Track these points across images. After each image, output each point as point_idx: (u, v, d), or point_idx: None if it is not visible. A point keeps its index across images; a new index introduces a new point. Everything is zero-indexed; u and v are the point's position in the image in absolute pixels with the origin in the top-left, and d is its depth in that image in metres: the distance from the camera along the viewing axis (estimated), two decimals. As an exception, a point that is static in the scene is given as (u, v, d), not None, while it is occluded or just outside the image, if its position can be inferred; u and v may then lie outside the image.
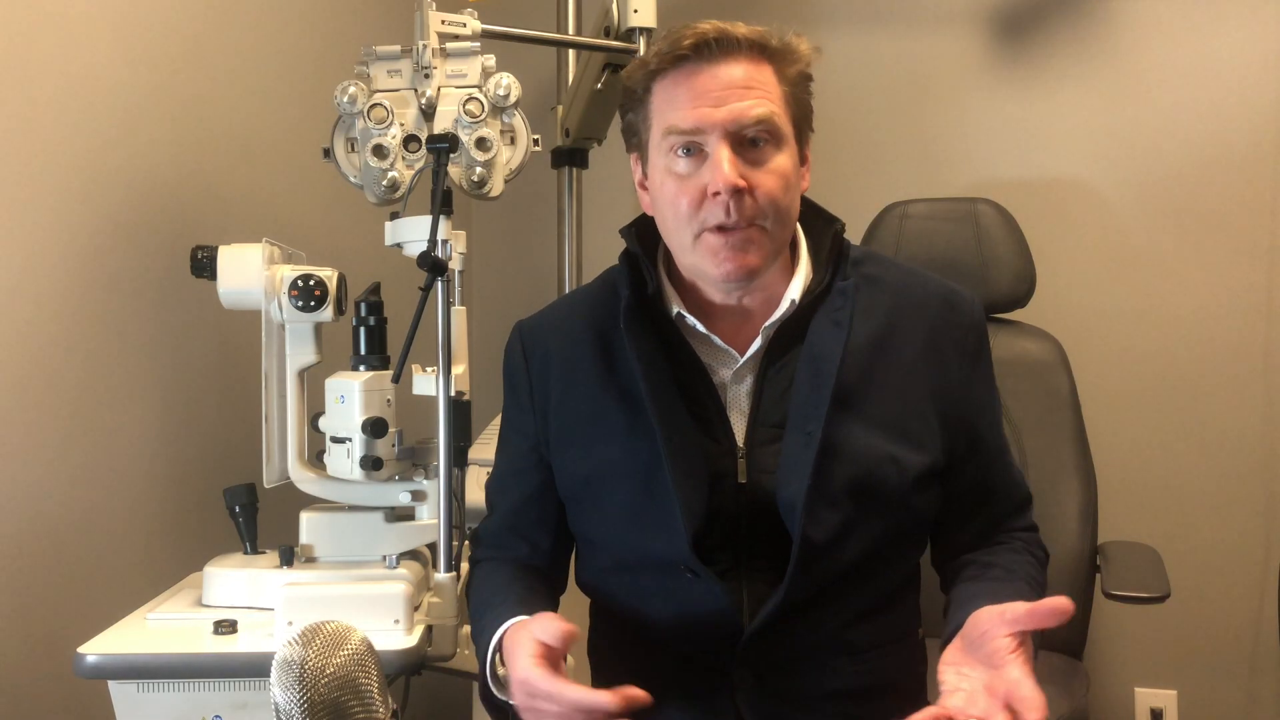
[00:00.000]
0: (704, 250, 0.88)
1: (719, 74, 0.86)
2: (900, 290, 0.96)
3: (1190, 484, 1.89)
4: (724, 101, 0.86)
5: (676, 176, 0.88)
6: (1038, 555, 0.98)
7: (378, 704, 0.69)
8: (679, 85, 0.88)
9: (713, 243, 0.87)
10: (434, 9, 1.23)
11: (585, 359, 0.96)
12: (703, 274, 0.91)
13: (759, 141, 0.87)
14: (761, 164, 0.87)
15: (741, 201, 0.86)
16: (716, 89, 0.86)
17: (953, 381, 0.94)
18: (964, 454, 0.95)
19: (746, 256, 0.87)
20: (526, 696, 0.79)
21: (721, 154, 0.85)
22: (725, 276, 0.88)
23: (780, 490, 0.88)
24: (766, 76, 0.88)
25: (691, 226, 0.88)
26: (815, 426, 0.87)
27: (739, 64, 0.87)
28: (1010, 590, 0.90)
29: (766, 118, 0.86)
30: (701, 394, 0.92)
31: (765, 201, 0.87)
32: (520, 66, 1.32)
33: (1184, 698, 1.91)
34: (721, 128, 0.86)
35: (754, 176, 0.86)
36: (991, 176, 1.95)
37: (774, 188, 0.87)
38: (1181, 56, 1.87)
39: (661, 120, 0.89)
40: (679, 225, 0.89)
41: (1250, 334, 1.86)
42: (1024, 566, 0.94)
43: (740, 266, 0.87)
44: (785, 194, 0.88)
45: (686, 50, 0.87)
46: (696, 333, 0.94)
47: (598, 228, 1.86)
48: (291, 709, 0.66)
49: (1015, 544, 0.97)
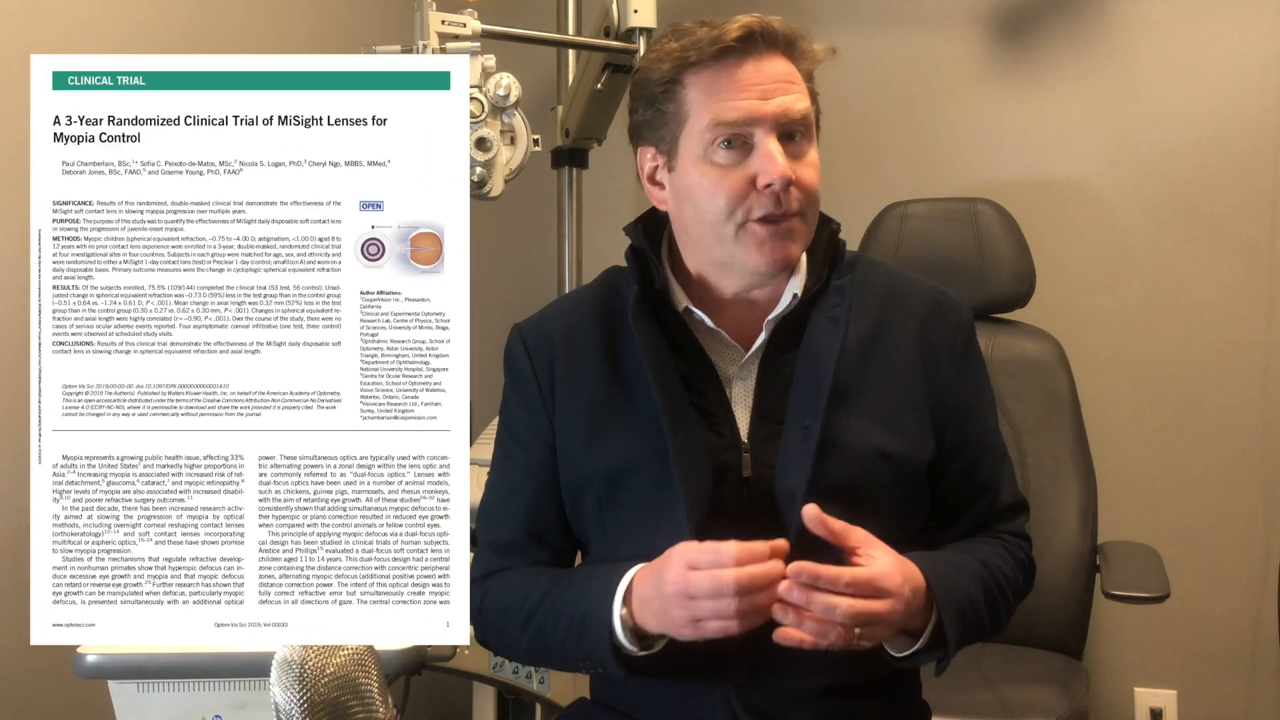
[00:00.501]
0: (749, 240, 0.89)
1: (763, 67, 0.88)
2: (890, 292, 0.98)
3: (1190, 484, 1.88)
4: (771, 95, 0.87)
5: (717, 168, 0.88)
6: (1015, 554, 0.98)
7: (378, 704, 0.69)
8: (721, 77, 0.88)
9: (759, 233, 0.88)
10: (434, 9, 1.26)
11: (589, 355, 0.96)
12: (739, 264, 0.91)
13: (796, 135, 0.89)
14: (800, 157, 0.89)
15: (789, 193, 0.88)
16: (763, 82, 0.87)
17: (942, 380, 0.96)
18: (952, 451, 0.96)
19: (790, 246, 0.90)
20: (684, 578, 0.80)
21: (772, 146, 0.87)
22: (771, 266, 0.90)
23: (779, 483, 0.90)
24: (799, 73, 0.90)
25: (735, 218, 0.89)
26: (814, 421, 0.88)
27: (778, 59, 0.89)
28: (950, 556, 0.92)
29: (808, 113, 0.89)
30: (707, 388, 0.93)
31: (807, 193, 0.89)
32: (520, 66, 1.34)
33: (1184, 698, 1.90)
34: (772, 120, 0.87)
35: (797, 170, 0.88)
36: (991, 176, 1.95)
37: (813, 180, 0.90)
38: (1181, 56, 1.85)
39: (703, 112, 0.88)
40: (718, 218, 0.89)
41: (1250, 334, 1.84)
42: (985, 552, 0.95)
43: (784, 256, 0.90)
44: (818, 187, 0.91)
45: (733, 42, 0.87)
46: (704, 327, 0.95)
47: (598, 228, 1.87)
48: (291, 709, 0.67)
49: (993, 540, 0.98)
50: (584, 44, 1.64)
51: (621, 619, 0.85)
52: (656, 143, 0.93)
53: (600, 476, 0.94)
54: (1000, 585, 0.94)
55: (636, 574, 0.86)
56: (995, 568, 0.94)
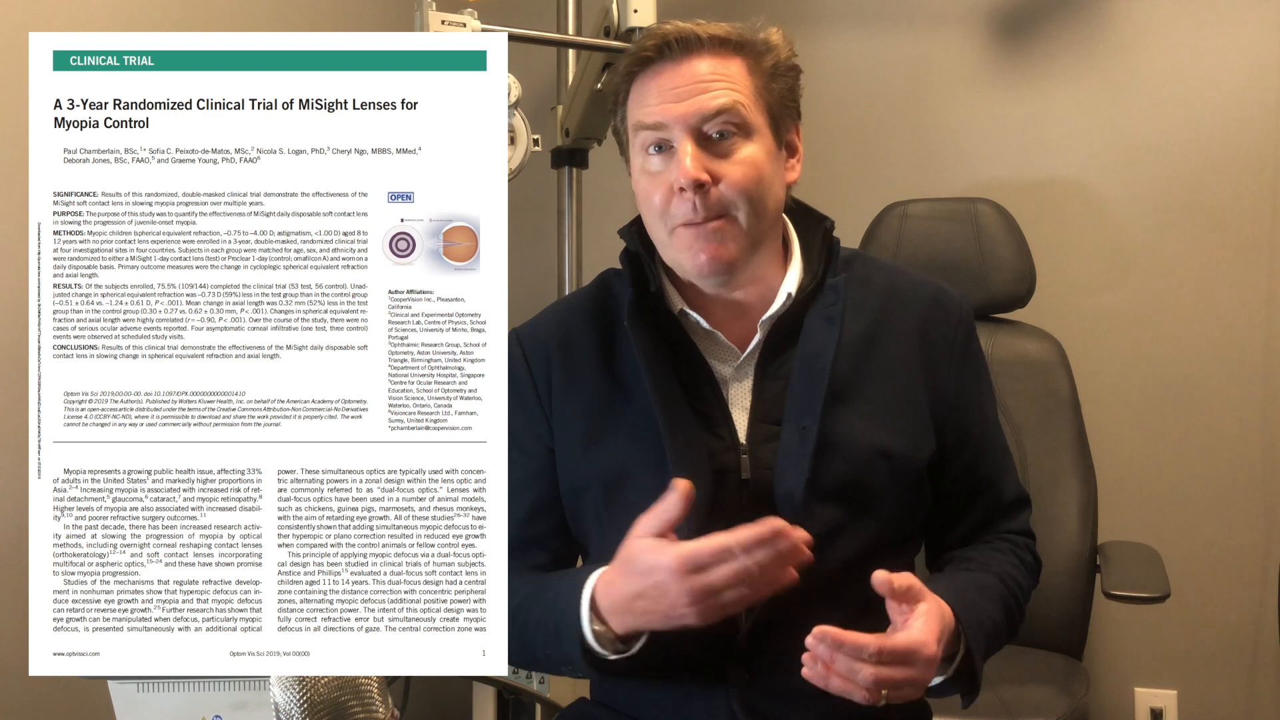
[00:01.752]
0: (679, 244, 0.90)
1: (681, 70, 0.89)
2: (888, 289, 0.97)
3: (1190, 484, 1.89)
4: (685, 96, 0.88)
5: (649, 174, 0.91)
6: (1024, 558, 0.98)
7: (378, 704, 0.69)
8: (647, 84, 0.91)
9: (685, 236, 0.89)
10: (434, 9, 1.23)
11: (586, 360, 0.96)
12: (682, 268, 0.92)
13: (725, 134, 0.88)
14: (727, 155, 0.89)
15: (706, 195, 0.87)
16: (680, 84, 0.89)
17: (942, 377, 0.95)
18: (954, 448, 0.96)
19: (720, 247, 0.89)
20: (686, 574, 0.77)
21: (685, 149, 0.87)
22: (700, 269, 0.90)
23: (778, 485, 0.89)
24: (734, 70, 0.90)
25: (665, 222, 0.90)
26: (811, 422, 0.88)
27: (703, 60, 0.89)
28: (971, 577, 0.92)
29: (728, 107, 0.88)
30: (705, 390, 0.93)
31: (733, 192, 0.88)
32: (520, 66, 1.31)
33: (1184, 698, 1.91)
34: (683, 121, 0.88)
35: (720, 168, 0.88)
36: (991, 176, 1.95)
37: (741, 178, 0.88)
38: (1181, 56, 1.87)
39: (632, 119, 0.92)
40: (654, 222, 0.91)
41: (1250, 334, 1.86)
42: (1001, 564, 0.96)
43: (714, 257, 0.89)
44: (757, 184, 0.89)
45: (650, 52, 0.90)
46: (700, 329, 0.94)
47: (598, 228, 1.85)
48: (291, 709, 0.67)
49: (1001, 544, 0.98)
50: (584, 44, 1.64)
51: (592, 628, 0.84)
52: (622, 149, 0.97)
53: (599, 481, 0.93)
54: (1017, 598, 0.95)
55: (599, 579, 0.85)
56: (1013, 580, 0.95)
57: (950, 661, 0.85)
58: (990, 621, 0.89)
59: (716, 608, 0.78)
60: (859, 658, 0.76)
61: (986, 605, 0.90)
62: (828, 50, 1.96)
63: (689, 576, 0.78)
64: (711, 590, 0.78)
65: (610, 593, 0.83)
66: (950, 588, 0.86)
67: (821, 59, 1.98)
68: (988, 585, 0.92)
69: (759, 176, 0.89)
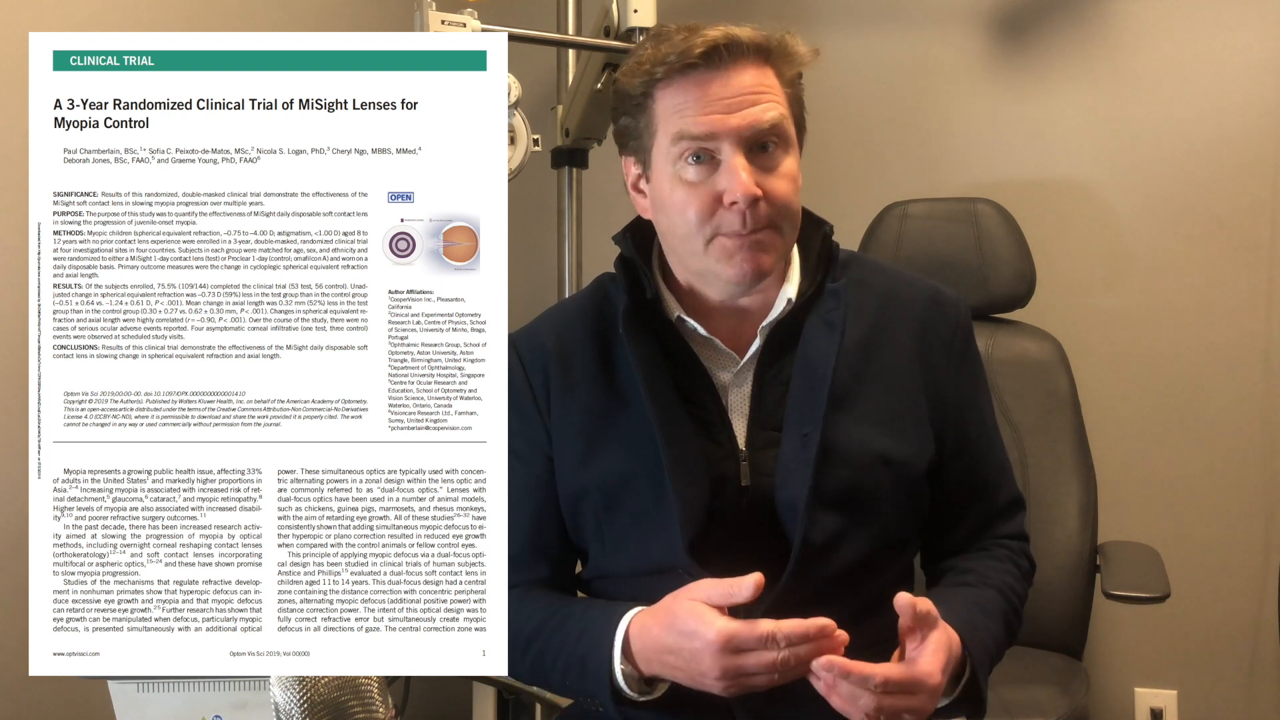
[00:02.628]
0: (718, 253, 0.88)
1: (730, 81, 0.86)
2: (887, 292, 0.97)
3: (1190, 484, 1.89)
4: (736, 108, 0.86)
5: (686, 184, 0.88)
6: (1021, 565, 0.98)
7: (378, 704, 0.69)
8: (687, 92, 0.87)
9: (728, 245, 0.88)
10: (434, 9, 1.23)
11: (583, 366, 0.96)
12: (713, 276, 0.90)
13: (769, 146, 0.88)
14: (773, 169, 0.88)
15: (757, 209, 0.86)
16: (728, 95, 0.86)
17: (940, 379, 0.95)
18: (952, 452, 0.95)
19: (761, 258, 0.88)
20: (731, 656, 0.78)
21: (737, 162, 0.86)
22: (741, 279, 0.89)
23: (779, 492, 0.88)
24: (770, 80, 0.89)
25: (704, 233, 0.88)
26: (812, 428, 0.88)
27: (748, 70, 0.87)
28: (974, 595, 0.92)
29: (779, 122, 0.87)
30: (703, 397, 0.93)
31: (779, 206, 0.88)
32: (520, 66, 1.31)
33: (1184, 698, 1.91)
34: (736, 134, 0.86)
35: (767, 182, 0.87)
36: (991, 176, 1.95)
37: (787, 192, 0.88)
38: (1181, 56, 1.87)
39: (670, 126, 0.88)
40: (688, 232, 0.89)
41: (1250, 334, 1.86)
42: (1000, 574, 0.95)
43: (756, 269, 0.88)
44: (795, 196, 0.90)
45: (697, 59, 0.86)
46: (697, 336, 0.94)
47: (598, 228, 1.85)
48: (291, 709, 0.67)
49: (999, 552, 0.98)
50: (584, 44, 1.64)
51: (622, 669, 0.84)
52: (635, 152, 0.93)
53: (597, 489, 0.93)
54: (1016, 609, 0.95)
55: (634, 621, 0.84)
56: (1011, 591, 0.95)
57: (956, 683, 0.85)
58: (994, 641, 0.89)
59: (743, 686, 0.79)
60: (864, 687, 0.76)
61: (990, 625, 0.90)
62: (828, 50, 1.94)
63: (727, 655, 0.78)
64: (744, 672, 0.78)
65: (644, 638, 0.83)
66: (954, 610, 0.86)
67: (821, 59, 1.97)
68: (989, 602, 0.92)
69: (796, 189, 0.90)
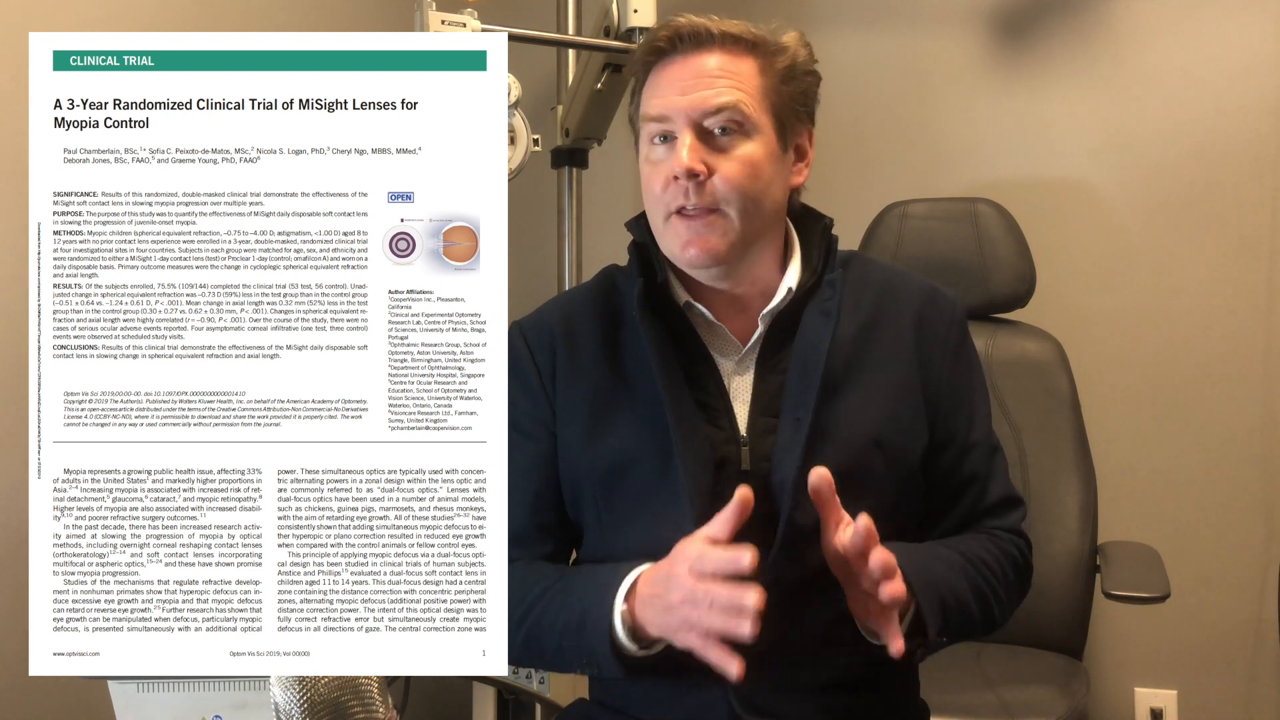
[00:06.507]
0: (671, 233, 0.92)
1: (690, 64, 0.91)
2: (884, 287, 0.99)
3: (1190, 484, 1.89)
4: (689, 90, 0.90)
5: (651, 163, 0.93)
6: (1005, 549, 0.97)
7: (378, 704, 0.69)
8: (656, 77, 0.93)
9: (677, 225, 0.91)
10: (434, 9, 1.23)
11: (589, 349, 0.97)
12: (673, 256, 0.94)
13: (726, 130, 0.90)
14: (727, 151, 0.90)
15: (700, 186, 0.89)
16: (685, 78, 0.91)
17: (934, 374, 0.97)
18: (941, 444, 0.97)
19: (709, 239, 0.90)
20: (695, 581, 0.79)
21: (684, 140, 0.89)
22: (689, 260, 0.91)
23: (774, 474, 0.90)
24: (744, 69, 0.91)
25: (660, 209, 0.92)
26: (805, 413, 0.89)
27: (712, 55, 0.91)
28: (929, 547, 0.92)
29: (730, 105, 0.89)
30: (707, 382, 0.94)
31: (726, 187, 0.90)
32: (520, 66, 1.31)
33: (1184, 698, 1.91)
34: (685, 115, 0.90)
35: (716, 162, 0.90)
36: (991, 176, 1.95)
37: (735, 174, 0.90)
38: (1181, 56, 1.87)
39: (642, 110, 0.94)
40: (653, 209, 0.93)
41: (1250, 334, 1.86)
42: (970, 544, 0.95)
43: (703, 250, 0.90)
44: (752, 182, 0.90)
45: (662, 43, 0.92)
46: (703, 322, 0.96)
47: (598, 228, 1.86)
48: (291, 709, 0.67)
49: (980, 535, 0.98)
50: (584, 44, 1.65)
51: (621, 615, 0.84)
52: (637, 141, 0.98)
53: (601, 469, 0.94)
54: (986, 577, 0.94)
55: (643, 572, 0.86)
56: (977, 559, 0.94)
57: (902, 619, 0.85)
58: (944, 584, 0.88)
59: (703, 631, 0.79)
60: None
61: (937, 567, 0.89)
62: (828, 50, 1.94)
63: (694, 578, 0.79)
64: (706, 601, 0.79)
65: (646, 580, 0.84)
66: (903, 551, 0.85)
67: (822, 59, 1.94)
68: (941, 553, 0.92)
69: (755, 175, 0.91)
